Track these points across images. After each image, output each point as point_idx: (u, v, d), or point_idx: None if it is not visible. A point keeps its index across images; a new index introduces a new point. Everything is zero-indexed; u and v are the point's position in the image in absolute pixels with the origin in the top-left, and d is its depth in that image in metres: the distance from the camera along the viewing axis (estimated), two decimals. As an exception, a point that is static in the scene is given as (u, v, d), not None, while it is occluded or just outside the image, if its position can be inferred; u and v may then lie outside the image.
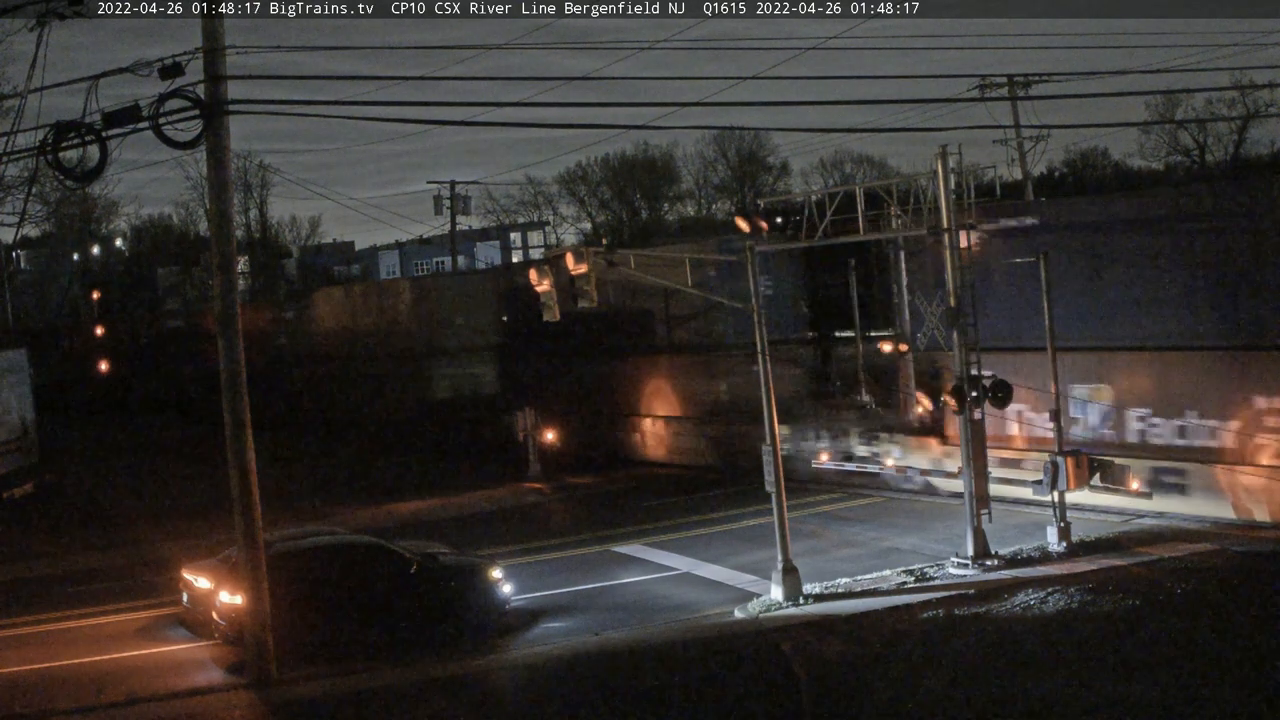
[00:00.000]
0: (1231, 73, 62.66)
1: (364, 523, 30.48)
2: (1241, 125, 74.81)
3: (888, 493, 31.20)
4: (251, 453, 18.95)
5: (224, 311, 18.97)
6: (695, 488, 34.65)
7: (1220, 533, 24.42)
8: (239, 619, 19.67)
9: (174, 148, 17.68)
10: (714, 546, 26.86)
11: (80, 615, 23.62)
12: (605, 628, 21.06)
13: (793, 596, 21.65)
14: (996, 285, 28.06)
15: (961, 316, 23.55)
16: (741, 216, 24.19)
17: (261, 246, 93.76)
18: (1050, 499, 24.21)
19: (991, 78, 46.22)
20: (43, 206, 57.61)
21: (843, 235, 26.38)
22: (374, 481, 39.09)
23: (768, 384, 22.36)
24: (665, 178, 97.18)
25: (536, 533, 29.80)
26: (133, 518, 34.46)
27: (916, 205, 24.57)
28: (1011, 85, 46.14)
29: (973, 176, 24.74)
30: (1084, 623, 19.25)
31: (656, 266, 26.97)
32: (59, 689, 18.95)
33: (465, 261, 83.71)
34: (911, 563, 23.93)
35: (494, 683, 18.91)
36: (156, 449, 51.39)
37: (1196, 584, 20.84)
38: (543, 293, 23.73)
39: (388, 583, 21.16)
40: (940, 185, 23.60)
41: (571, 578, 24.80)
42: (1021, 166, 46.92)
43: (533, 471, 37.34)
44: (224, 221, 19.00)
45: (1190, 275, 26.25)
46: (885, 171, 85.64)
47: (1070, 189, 75.09)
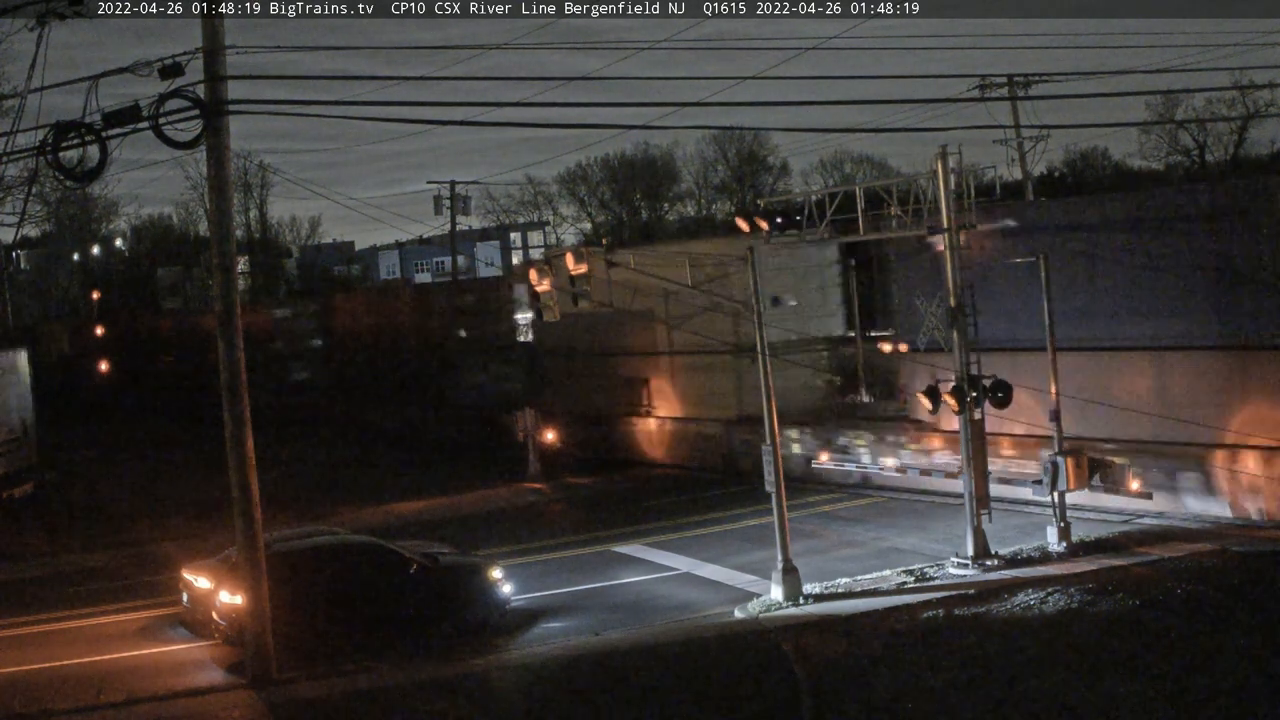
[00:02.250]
0: (1231, 73, 62.66)
1: (364, 523, 30.48)
2: (1241, 125, 74.85)
3: (888, 492, 31.18)
4: (251, 453, 18.96)
5: (224, 311, 18.97)
6: (695, 488, 34.64)
7: (1220, 533, 24.42)
8: (239, 619, 19.67)
9: (174, 148, 17.68)
10: (714, 546, 26.86)
11: (80, 615, 23.62)
12: (605, 628, 21.06)
13: (793, 596, 21.65)
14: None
15: (961, 316, 23.56)
16: (742, 217, 24.20)
17: (261, 246, 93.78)
18: (1050, 499, 24.22)
19: (991, 78, 46.25)
20: (43, 206, 57.71)
21: (843, 235, 26.36)
22: (374, 481, 39.07)
23: (767, 384, 22.37)
24: (665, 178, 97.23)
25: (536, 533, 29.80)
26: (133, 518, 34.44)
27: (916, 205, 24.56)
28: (1011, 85, 46.14)
29: (973, 176, 24.72)
30: (1084, 623, 19.25)
31: (656, 266, 26.98)
32: (59, 689, 18.95)
33: (465, 261, 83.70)
34: (911, 563, 23.93)
35: (494, 683, 18.90)
36: (156, 449, 51.35)
37: (1196, 584, 20.83)
38: (543, 293, 23.78)
39: (387, 583, 21.16)
40: (940, 185, 23.60)
41: (571, 578, 24.79)
42: (1021, 166, 46.94)
43: (532, 472, 37.34)
44: (224, 221, 19.00)
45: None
46: (885, 171, 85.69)
47: (1070, 189, 75.06)
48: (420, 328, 53.09)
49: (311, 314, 61.61)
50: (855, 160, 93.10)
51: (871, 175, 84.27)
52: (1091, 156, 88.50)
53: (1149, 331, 27.01)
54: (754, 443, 28.71)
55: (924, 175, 24.53)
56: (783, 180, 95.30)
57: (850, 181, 64.22)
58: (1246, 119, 73.18)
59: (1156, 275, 26.70)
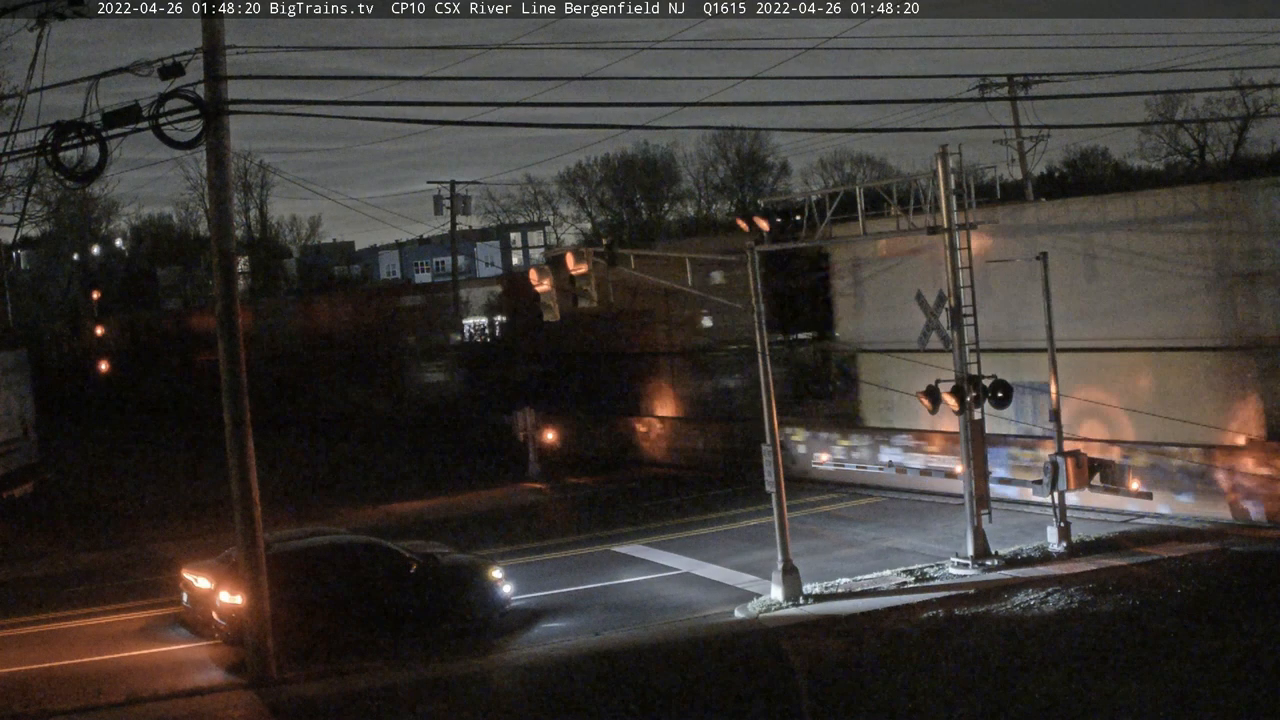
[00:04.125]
0: (1231, 73, 62.58)
1: (364, 523, 30.48)
2: (1241, 125, 74.81)
3: (888, 493, 31.18)
4: (251, 453, 18.96)
5: (224, 311, 18.96)
6: (695, 488, 34.63)
7: (1220, 533, 24.43)
8: (239, 619, 19.67)
9: (174, 148, 17.69)
10: (714, 546, 26.86)
11: (80, 615, 23.62)
12: (605, 628, 21.05)
13: (793, 596, 21.65)
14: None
15: (961, 316, 23.55)
16: (742, 217, 24.18)
17: (261, 246, 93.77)
18: (1050, 499, 24.22)
19: (991, 78, 46.23)
20: (43, 206, 57.68)
21: (843, 235, 26.34)
22: (374, 481, 39.07)
23: (768, 384, 22.36)
24: (665, 178, 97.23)
25: (536, 533, 29.80)
26: (133, 518, 34.45)
27: (917, 205, 24.56)
28: (1011, 85, 46.12)
29: (973, 176, 24.71)
30: (1084, 623, 19.25)
31: (657, 266, 26.98)
32: (59, 689, 18.95)
33: (465, 261, 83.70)
34: (911, 563, 23.93)
35: (494, 683, 18.90)
36: (156, 449, 51.37)
37: (1196, 584, 20.85)
38: (543, 293, 23.74)
39: (387, 583, 21.17)
40: (940, 185, 23.59)
41: (571, 578, 24.79)
42: (1021, 166, 46.92)
43: (532, 472, 37.33)
44: (224, 221, 19.00)
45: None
46: (885, 171, 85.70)
47: (1071, 189, 75.04)
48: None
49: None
50: (855, 160, 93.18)
51: (871, 175, 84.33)
52: (1091, 156, 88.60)
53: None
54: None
55: (924, 175, 24.52)
56: (783, 180, 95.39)
57: (850, 181, 64.24)
58: (1246, 119, 73.18)
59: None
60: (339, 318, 60.22)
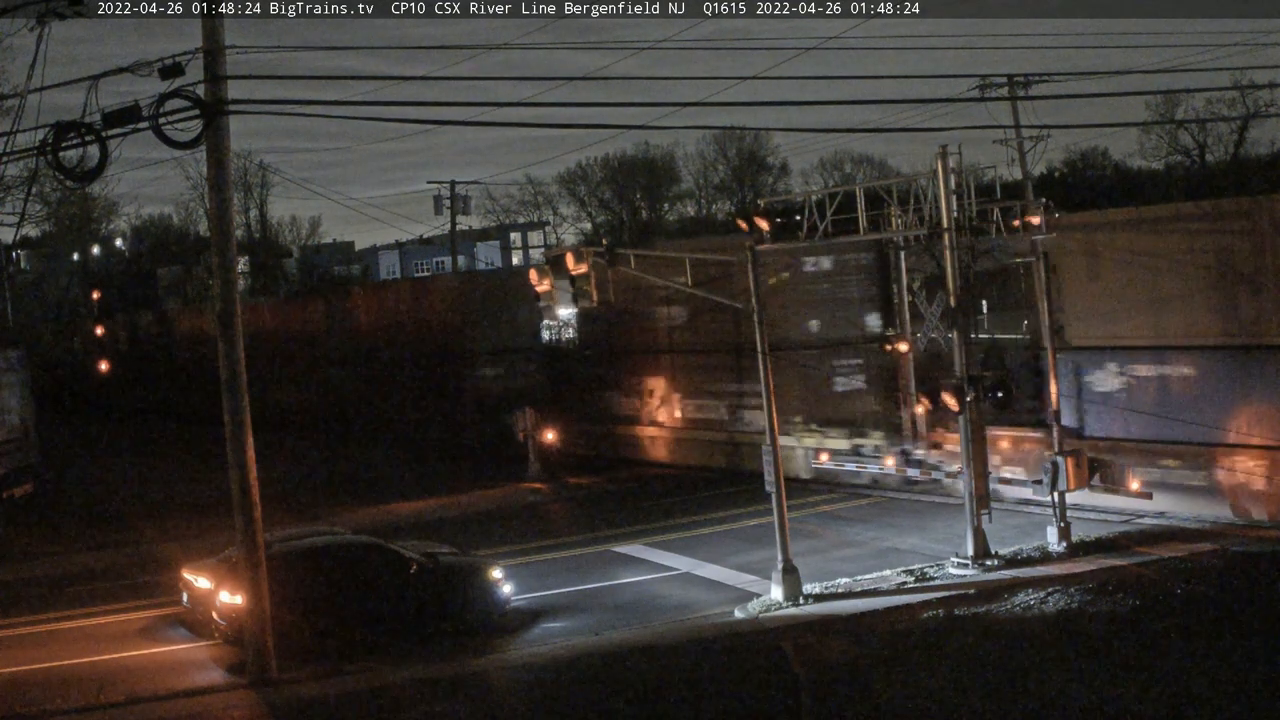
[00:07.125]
0: (1231, 73, 62.68)
1: (364, 523, 30.44)
2: (1241, 125, 74.82)
3: (888, 493, 31.18)
4: (251, 453, 18.95)
5: (224, 311, 18.96)
6: (695, 488, 34.62)
7: (1220, 532, 24.42)
8: (239, 619, 19.67)
9: (174, 148, 17.65)
10: (714, 546, 26.85)
11: (80, 615, 23.60)
12: (605, 628, 21.05)
13: (793, 596, 21.64)
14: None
15: (961, 316, 23.54)
16: (742, 217, 24.18)
17: (261, 246, 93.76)
18: (1050, 499, 24.21)
19: (991, 78, 46.28)
20: (43, 206, 57.64)
21: (843, 235, 26.35)
22: (374, 481, 39.06)
23: (768, 384, 22.36)
24: (665, 178, 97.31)
25: (536, 533, 29.79)
26: (133, 518, 34.44)
27: (917, 205, 24.56)
28: (1011, 85, 46.15)
29: (973, 176, 24.72)
30: (1084, 623, 19.25)
31: (657, 266, 26.97)
32: (59, 689, 18.93)
33: (465, 261, 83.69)
34: (911, 563, 23.92)
35: (494, 683, 18.90)
36: (156, 449, 51.37)
37: (1196, 584, 20.84)
38: (543, 293, 23.74)
39: (387, 583, 21.16)
40: (940, 185, 23.59)
41: (571, 578, 24.79)
42: (1021, 166, 46.95)
43: (532, 471, 37.31)
44: (224, 221, 18.99)
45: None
46: (885, 171, 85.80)
47: (1070, 189, 75.01)
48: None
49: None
50: (855, 160, 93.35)
51: (871, 175, 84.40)
52: (1091, 156, 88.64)
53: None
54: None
55: (924, 175, 24.53)
56: (783, 180, 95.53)
57: (850, 181, 64.30)
58: (1246, 119, 73.17)
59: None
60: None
